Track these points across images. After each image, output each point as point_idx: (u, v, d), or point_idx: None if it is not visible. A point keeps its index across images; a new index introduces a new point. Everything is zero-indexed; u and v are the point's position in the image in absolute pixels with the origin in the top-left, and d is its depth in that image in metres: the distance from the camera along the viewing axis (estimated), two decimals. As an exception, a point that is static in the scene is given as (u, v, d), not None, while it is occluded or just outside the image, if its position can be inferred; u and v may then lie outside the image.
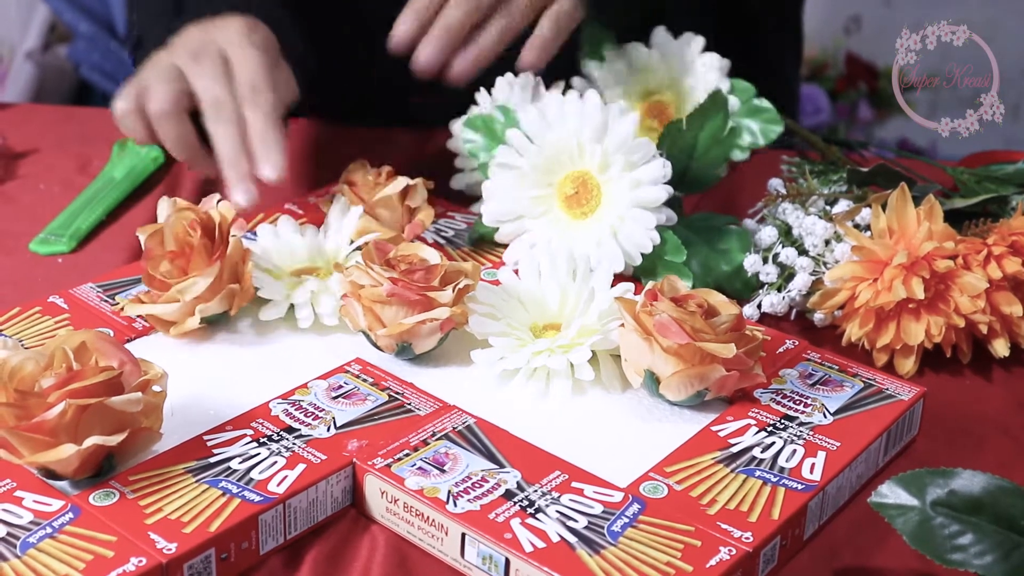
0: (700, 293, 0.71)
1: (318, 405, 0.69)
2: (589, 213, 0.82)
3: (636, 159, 0.80)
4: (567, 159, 0.82)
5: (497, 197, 0.84)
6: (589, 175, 0.81)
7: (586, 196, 0.82)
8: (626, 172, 0.80)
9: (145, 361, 0.64)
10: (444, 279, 0.73)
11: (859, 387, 0.72)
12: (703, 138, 0.85)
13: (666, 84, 0.94)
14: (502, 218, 0.84)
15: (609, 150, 0.80)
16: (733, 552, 0.60)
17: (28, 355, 0.62)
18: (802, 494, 0.64)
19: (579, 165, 0.82)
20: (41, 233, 0.91)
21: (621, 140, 0.80)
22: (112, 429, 0.61)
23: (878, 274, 0.78)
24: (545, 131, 0.82)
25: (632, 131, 0.80)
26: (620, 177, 0.81)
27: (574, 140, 0.81)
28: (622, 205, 0.81)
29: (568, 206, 0.83)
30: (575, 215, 0.83)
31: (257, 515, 0.61)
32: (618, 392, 0.72)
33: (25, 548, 0.58)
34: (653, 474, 0.65)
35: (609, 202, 0.81)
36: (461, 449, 0.66)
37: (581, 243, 0.82)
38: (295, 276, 0.79)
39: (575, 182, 0.82)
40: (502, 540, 0.60)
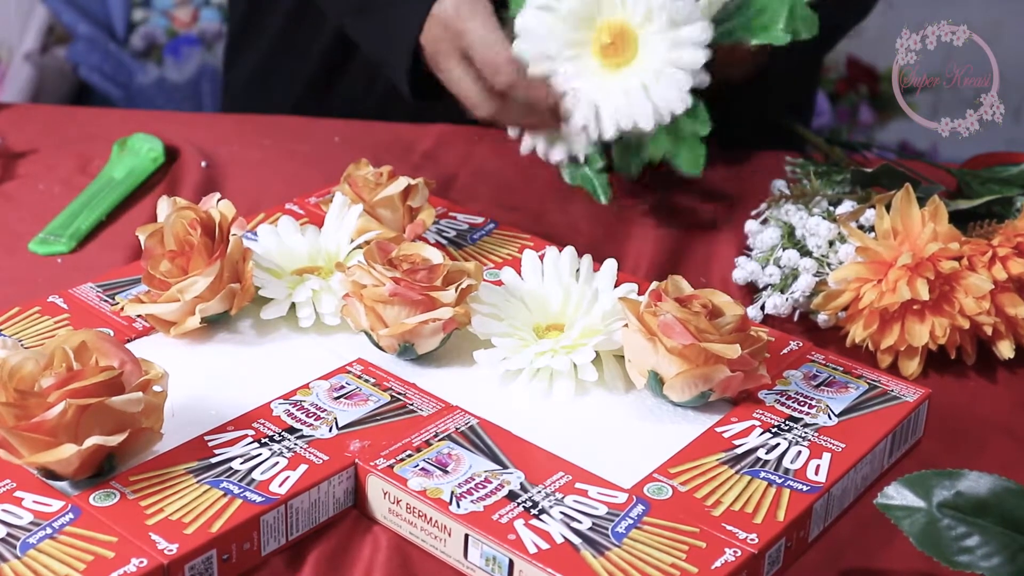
0: (704, 294, 0.71)
1: (320, 405, 0.69)
2: (623, 65, 0.81)
3: (679, 18, 0.79)
4: (608, 5, 0.80)
5: (530, 37, 0.83)
6: (628, 26, 0.80)
7: (623, 46, 0.80)
8: (668, 29, 0.78)
9: (146, 361, 0.64)
10: (447, 279, 0.73)
11: (864, 389, 0.72)
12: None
13: None
14: (533, 58, 0.83)
15: (655, 4, 0.79)
16: (738, 554, 0.59)
17: (28, 355, 0.62)
18: (807, 495, 0.63)
19: (620, 14, 0.80)
20: (41, 233, 0.91)
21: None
22: (112, 429, 0.61)
23: (882, 275, 0.77)
24: None
25: None
26: (661, 33, 0.79)
27: None
28: (658, 62, 0.79)
29: (603, 55, 0.81)
30: (608, 65, 0.81)
31: (259, 516, 0.61)
32: (621, 393, 0.72)
33: (25, 549, 0.57)
34: (657, 475, 0.65)
35: (645, 57, 0.80)
36: (464, 450, 0.66)
37: (610, 93, 0.80)
38: (296, 275, 0.78)
39: (613, 31, 0.80)
40: (506, 541, 0.59)
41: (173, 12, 2.30)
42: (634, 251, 0.93)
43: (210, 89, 2.22)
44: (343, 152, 1.04)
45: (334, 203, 0.81)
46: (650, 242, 0.94)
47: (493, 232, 0.89)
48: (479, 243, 0.87)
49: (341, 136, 1.08)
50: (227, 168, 1.02)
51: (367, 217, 0.82)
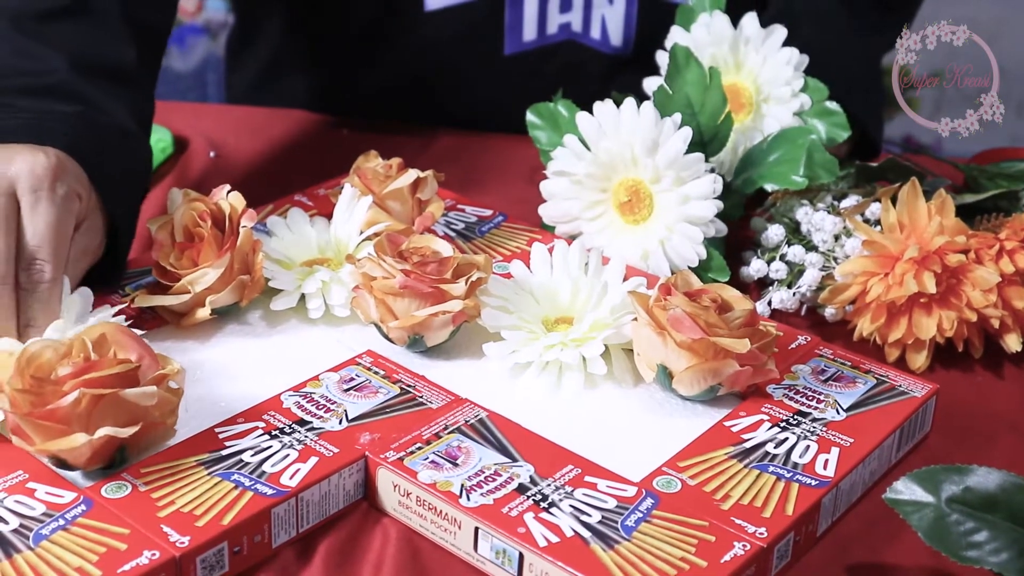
0: (713, 288, 0.71)
1: (330, 398, 0.69)
2: (642, 220, 0.83)
3: (686, 175, 0.81)
4: (622, 167, 0.83)
5: (554, 200, 0.86)
6: (642, 184, 0.82)
7: (639, 204, 0.83)
8: (676, 187, 0.81)
9: (164, 356, 0.64)
10: (456, 272, 0.73)
11: (872, 383, 0.72)
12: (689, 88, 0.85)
13: (741, 67, 0.92)
14: (559, 220, 0.86)
15: (660, 165, 0.81)
16: (747, 547, 0.59)
17: (48, 343, 0.62)
18: (816, 490, 0.64)
19: (633, 173, 0.83)
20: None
21: (673, 156, 0.80)
22: (125, 422, 0.61)
23: (889, 269, 0.78)
24: (601, 139, 0.83)
25: (683, 147, 0.80)
26: (671, 190, 0.81)
27: (628, 150, 0.82)
28: (672, 217, 0.82)
29: (622, 212, 0.84)
30: (629, 221, 0.84)
31: (270, 508, 0.61)
32: (630, 386, 0.72)
33: (38, 540, 0.57)
34: (666, 469, 0.65)
35: (660, 212, 0.82)
36: (474, 443, 0.66)
37: (632, 250, 0.83)
38: (306, 267, 0.79)
39: (629, 190, 0.83)
40: (516, 534, 0.60)
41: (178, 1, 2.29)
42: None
43: (215, 79, 2.22)
44: (351, 145, 1.04)
45: (343, 195, 0.81)
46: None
47: (502, 225, 0.89)
48: (488, 236, 0.87)
49: (348, 129, 1.08)
50: (235, 159, 1.02)
51: (376, 209, 0.82)
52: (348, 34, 1.09)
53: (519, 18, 1.06)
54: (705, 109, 0.84)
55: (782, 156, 0.85)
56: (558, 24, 1.07)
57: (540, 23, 1.06)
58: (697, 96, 0.84)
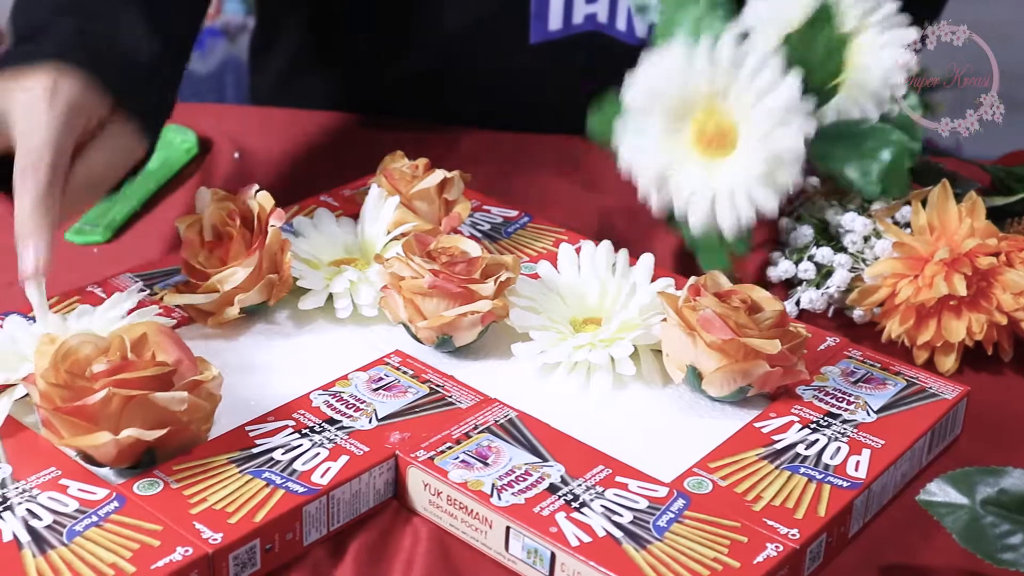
0: (743, 289, 0.71)
1: (359, 397, 0.69)
2: (723, 156, 0.79)
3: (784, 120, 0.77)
4: (715, 98, 0.79)
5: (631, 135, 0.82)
6: (731, 120, 0.79)
7: (721, 141, 0.79)
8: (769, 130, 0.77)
9: (203, 361, 0.64)
10: (485, 272, 0.73)
11: (902, 385, 0.72)
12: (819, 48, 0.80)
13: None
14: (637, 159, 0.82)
15: (766, 105, 0.77)
16: (780, 549, 0.59)
17: (88, 338, 0.62)
18: (848, 491, 0.63)
19: (724, 107, 0.79)
20: (77, 223, 0.91)
21: (783, 100, 0.77)
22: (154, 424, 0.61)
23: (919, 271, 0.77)
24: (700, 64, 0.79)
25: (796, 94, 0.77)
26: (763, 133, 0.78)
27: (713, 84, 0.78)
28: (755, 160, 0.78)
29: (703, 145, 0.80)
30: (709, 156, 0.80)
31: (301, 506, 0.61)
32: (658, 387, 0.72)
33: (72, 536, 0.58)
34: (697, 469, 0.65)
35: (743, 154, 0.78)
36: (504, 442, 0.66)
37: (707, 186, 0.79)
38: (333, 266, 0.79)
39: (717, 124, 0.79)
40: (548, 534, 0.60)
41: (197, 4, 2.30)
42: (664, 246, 0.92)
43: (233, 81, 2.22)
44: (374, 145, 1.04)
45: (370, 195, 0.81)
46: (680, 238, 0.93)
47: (527, 226, 0.89)
48: (514, 236, 0.87)
49: (376, 128, 1.08)
50: (259, 160, 1.02)
51: (403, 209, 0.82)
52: (371, 26, 1.09)
53: (545, 7, 1.05)
54: (820, 70, 0.80)
55: (867, 149, 0.81)
56: (584, 14, 1.07)
57: (566, 12, 1.06)
58: (819, 56, 0.80)
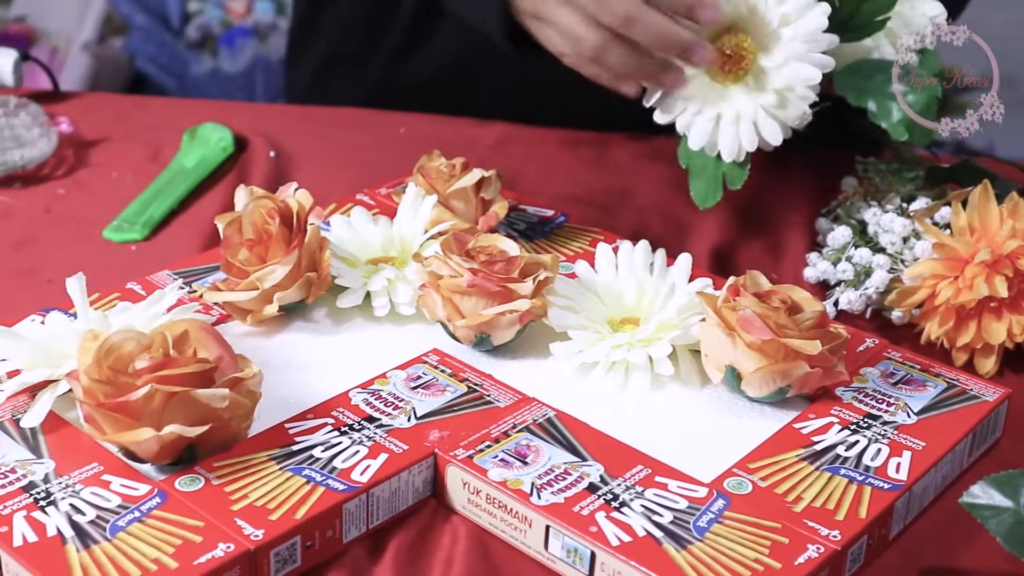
0: (783, 289, 0.71)
1: (398, 395, 0.69)
2: (735, 81, 0.81)
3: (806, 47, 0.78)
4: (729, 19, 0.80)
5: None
6: (747, 41, 0.79)
7: (739, 63, 0.80)
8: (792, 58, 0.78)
9: (244, 359, 0.64)
10: (524, 271, 0.73)
11: (942, 387, 0.72)
12: None
13: None
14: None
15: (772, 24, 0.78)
16: (821, 550, 0.59)
17: (130, 335, 0.62)
18: (889, 493, 0.63)
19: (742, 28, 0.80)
20: (115, 221, 0.92)
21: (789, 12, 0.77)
22: (195, 421, 0.61)
23: (959, 272, 0.77)
24: None
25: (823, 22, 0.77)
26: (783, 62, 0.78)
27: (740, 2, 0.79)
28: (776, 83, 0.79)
29: (717, 67, 0.81)
30: (722, 78, 0.81)
31: (341, 504, 0.61)
32: (696, 387, 0.72)
33: (115, 531, 0.58)
34: (737, 470, 0.64)
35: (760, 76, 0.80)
36: (542, 441, 0.66)
37: (715, 106, 0.80)
38: (371, 264, 0.79)
39: (733, 46, 0.80)
40: (588, 533, 0.60)
41: (227, 3, 2.31)
42: (701, 246, 0.92)
43: (263, 80, 2.24)
44: (408, 144, 1.05)
45: (407, 194, 0.82)
46: (717, 238, 0.93)
47: (563, 225, 0.89)
48: (550, 236, 0.87)
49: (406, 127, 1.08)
50: (295, 158, 1.03)
51: (440, 208, 0.82)
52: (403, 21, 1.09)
53: None
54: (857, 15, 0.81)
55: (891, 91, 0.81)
56: None
57: None
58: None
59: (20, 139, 0.99)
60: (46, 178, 0.98)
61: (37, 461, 0.63)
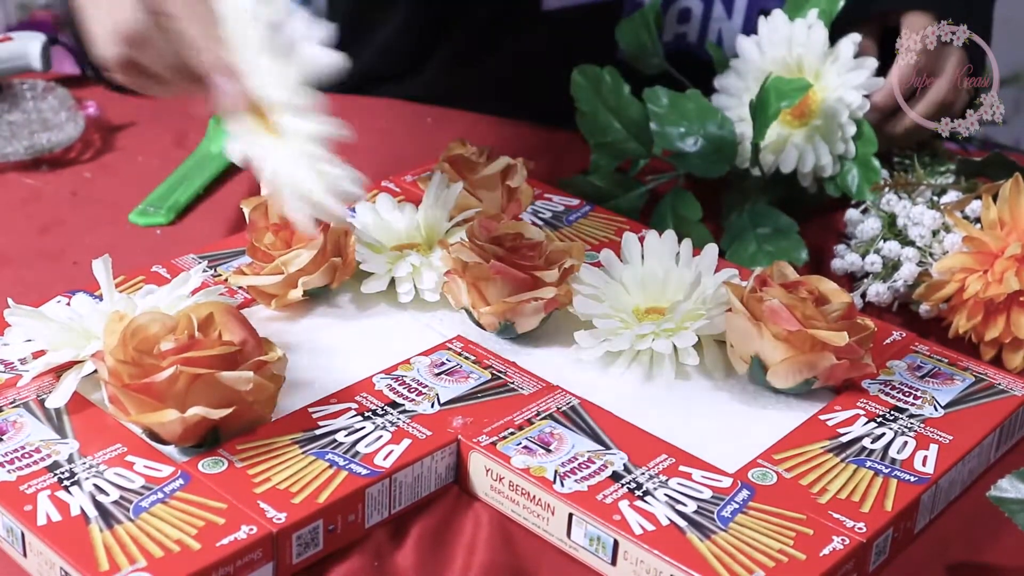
0: (811, 280, 0.70)
1: (421, 381, 0.69)
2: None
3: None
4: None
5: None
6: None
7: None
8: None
9: (268, 342, 0.64)
10: (549, 259, 0.72)
11: (970, 381, 0.71)
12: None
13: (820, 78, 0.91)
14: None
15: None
16: (847, 542, 0.58)
17: (156, 316, 0.62)
18: (915, 486, 0.62)
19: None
20: (140, 205, 0.92)
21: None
22: (219, 403, 0.61)
23: (988, 266, 0.76)
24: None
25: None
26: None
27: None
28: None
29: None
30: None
31: (364, 488, 0.61)
32: (721, 377, 0.72)
33: (138, 512, 0.58)
34: (761, 461, 0.64)
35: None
36: (566, 429, 0.66)
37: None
38: (396, 251, 0.79)
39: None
40: (611, 522, 0.59)
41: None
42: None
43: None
44: (433, 133, 1.04)
45: (434, 180, 0.81)
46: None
47: (589, 214, 0.89)
48: (575, 225, 0.87)
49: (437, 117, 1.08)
50: (321, 145, 1.02)
51: (466, 195, 0.82)
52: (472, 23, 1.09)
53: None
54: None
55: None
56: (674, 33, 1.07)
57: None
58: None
59: (47, 123, 0.99)
60: (73, 162, 0.98)
61: (61, 441, 0.63)
